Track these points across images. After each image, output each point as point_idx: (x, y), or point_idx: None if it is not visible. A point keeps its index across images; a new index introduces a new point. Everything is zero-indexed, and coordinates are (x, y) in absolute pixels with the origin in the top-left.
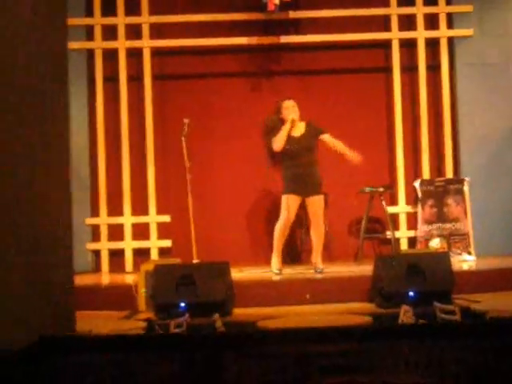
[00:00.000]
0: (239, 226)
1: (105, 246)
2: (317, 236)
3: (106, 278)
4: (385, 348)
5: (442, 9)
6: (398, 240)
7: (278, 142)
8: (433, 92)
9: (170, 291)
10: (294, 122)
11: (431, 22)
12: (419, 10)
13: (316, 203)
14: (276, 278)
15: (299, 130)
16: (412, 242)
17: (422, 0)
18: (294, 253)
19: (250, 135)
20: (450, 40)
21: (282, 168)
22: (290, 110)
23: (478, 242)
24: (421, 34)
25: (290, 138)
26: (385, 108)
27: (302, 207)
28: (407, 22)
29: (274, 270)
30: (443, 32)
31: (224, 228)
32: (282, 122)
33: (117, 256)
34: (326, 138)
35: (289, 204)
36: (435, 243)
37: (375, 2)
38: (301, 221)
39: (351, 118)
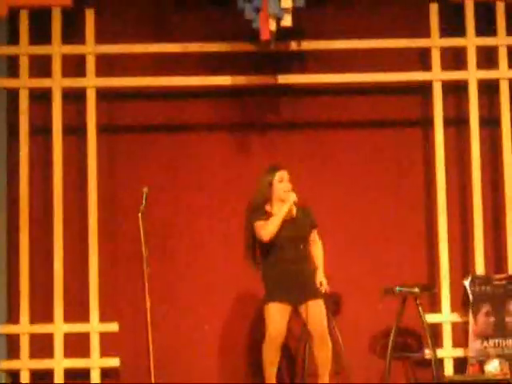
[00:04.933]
0: (216, 342)
1: (25, 364)
2: (324, 356)
3: None
4: None
5: (501, 40)
6: (440, 361)
7: (272, 229)
8: (490, 154)
9: None
10: (292, 206)
11: (487, 58)
12: (470, 42)
13: (315, 310)
14: None
15: (291, 213)
16: (460, 364)
17: (474, 28)
18: (294, 378)
19: (232, 213)
20: None
21: (262, 265)
22: (285, 185)
23: None
24: (472, 75)
25: (282, 223)
26: (423, 175)
27: (296, 316)
28: (454, 58)
29: None
30: (503, 72)
31: (195, 343)
32: (268, 200)
33: (42, 379)
34: (312, 236)
35: (274, 316)
36: (493, 367)
37: (409, 31)
38: (298, 333)
39: (375, 189)
